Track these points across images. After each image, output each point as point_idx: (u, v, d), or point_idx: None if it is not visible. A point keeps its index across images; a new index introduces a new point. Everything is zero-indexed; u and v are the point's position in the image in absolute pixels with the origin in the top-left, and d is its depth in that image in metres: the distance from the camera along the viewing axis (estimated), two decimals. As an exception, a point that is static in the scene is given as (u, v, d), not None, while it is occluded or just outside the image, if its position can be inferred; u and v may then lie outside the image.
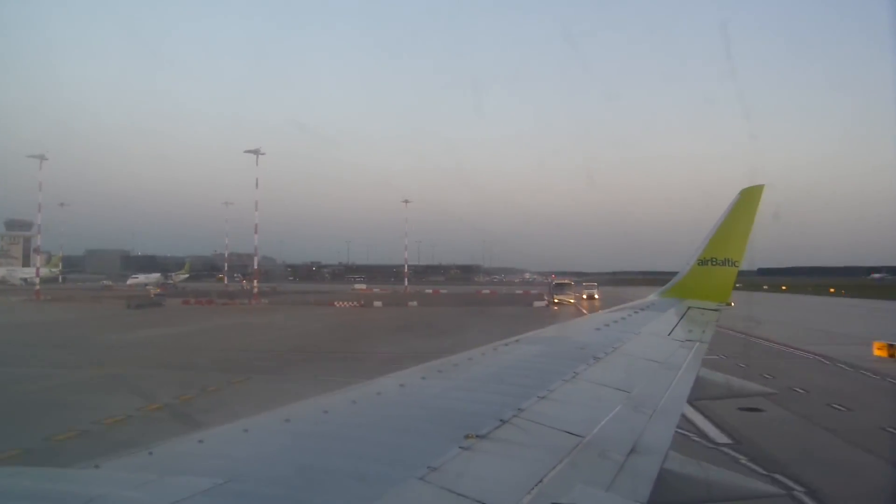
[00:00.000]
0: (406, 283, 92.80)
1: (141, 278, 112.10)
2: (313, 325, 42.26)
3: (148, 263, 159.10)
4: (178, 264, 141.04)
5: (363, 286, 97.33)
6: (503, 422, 2.99)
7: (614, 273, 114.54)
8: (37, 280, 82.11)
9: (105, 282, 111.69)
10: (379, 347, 28.60)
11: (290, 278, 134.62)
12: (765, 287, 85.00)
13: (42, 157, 75.14)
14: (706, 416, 14.71)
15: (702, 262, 9.18)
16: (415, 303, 58.36)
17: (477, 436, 2.75)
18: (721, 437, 13.25)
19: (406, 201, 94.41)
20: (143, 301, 62.96)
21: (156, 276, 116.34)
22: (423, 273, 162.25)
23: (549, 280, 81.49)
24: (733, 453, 12.12)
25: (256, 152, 67.19)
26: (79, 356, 26.48)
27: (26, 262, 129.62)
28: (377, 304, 60.23)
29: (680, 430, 13.27)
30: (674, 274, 9.94)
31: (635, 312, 8.15)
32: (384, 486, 2.18)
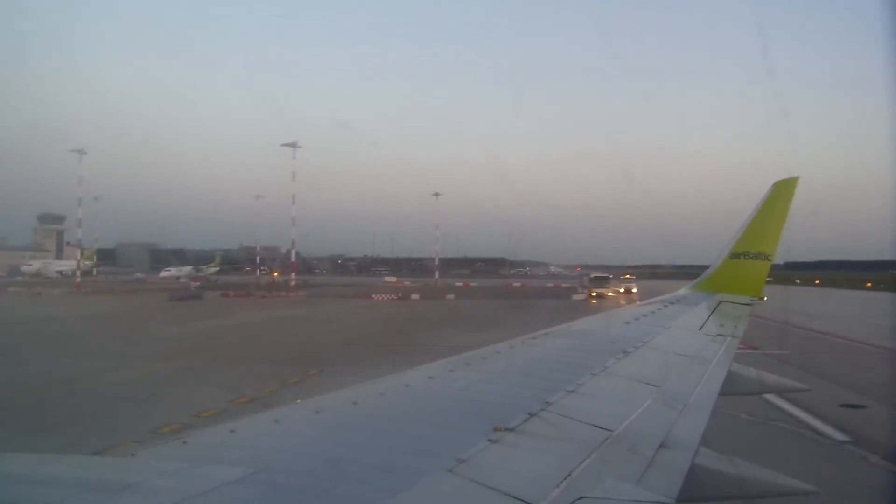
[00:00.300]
0: (437, 275, 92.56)
1: (173, 271, 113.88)
2: (360, 318, 42.40)
3: (177, 256, 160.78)
4: (207, 258, 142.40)
5: (393, 279, 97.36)
6: (531, 415, 3.00)
7: (642, 267, 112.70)
8: (76, 273, 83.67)
9: (138, 275, 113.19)
10: (438, 340, 28.51)
11: (317, 271, 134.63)
12: (797, 281, 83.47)
13: (82, 152, 76.36)
14: (810, 412, 14.38)
15: (734, 255, 9.08)
16: (452, 296, 58.17)
17: (505, 429, 2.76)
18: (838, 434, 12.93)
19: (436, 194, 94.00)
20: (185, 293, 63.82)
21: (188, 268, 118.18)
22: (448, 266, 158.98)
23: (578, 273, 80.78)
24: (860, 450, 11.82)
25: (293, 145, 67.84)
26: (146, 349, 26.76)
27: (59, 255, 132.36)
28: (414, 296, 60.05)
29: (789, 427, 13.24)
30: (705, 267, 9.82)
31: (665, 306, 8.12)
32: (413, 478, 2.20)
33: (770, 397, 13.86)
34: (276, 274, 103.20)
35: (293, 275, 70.04)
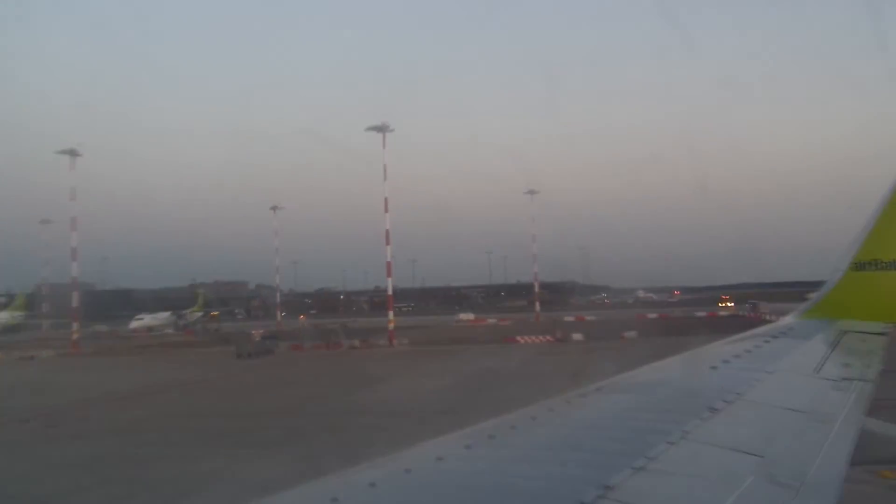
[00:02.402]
0: (538, 307, 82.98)
1: (147, 319, 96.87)
2: (571, 368, 32.60)
3: (121, 299, 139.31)
4: (158, 300, 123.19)
5: (470, 315, 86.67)
6: None
7: (736, 287, 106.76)
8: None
9: (98, 326, 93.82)
10: None
11: (312, 312, 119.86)
12: None
13: None
14: None
15: (858, 265, 7.39)
16: (633, 333, 49.32)
17: None
18: None
19: (531, 191, 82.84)
20: (255, 349, 52.84)
21: (165, 315, 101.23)
22: (493, 295, 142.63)
23: (677, 297, 73.73)
24: None
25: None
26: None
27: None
28: (576, 336, 51.00)
29: None
30: (815, 285, 8.49)
31: (766, 342, 6.58)
32: None
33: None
34: (302, 317, 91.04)
35: (391, 316, 58.73)
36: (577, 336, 51.05)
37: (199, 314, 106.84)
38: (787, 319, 7.89)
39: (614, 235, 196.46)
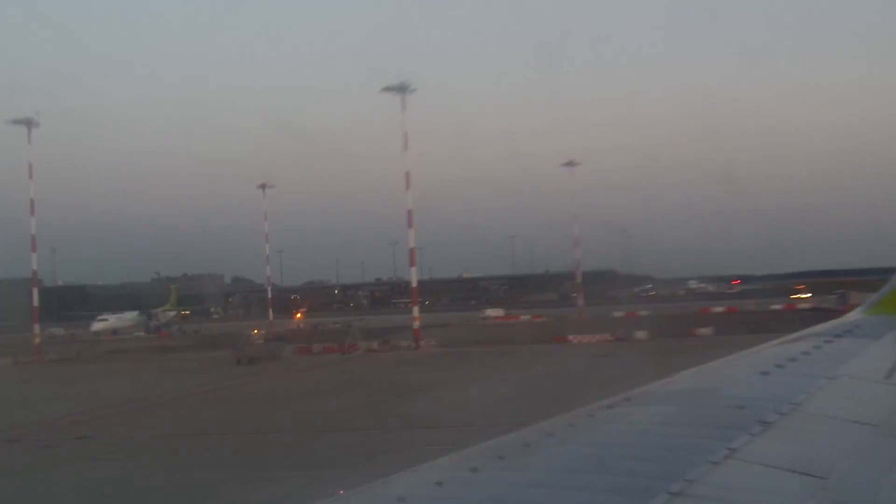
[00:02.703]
0: (581, 301, 78.14)
1: (112, 320, 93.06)
2: (662, 372, 30.16)
3: (75, 297, 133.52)
4: (119, 297, 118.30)
5: (499, 311, 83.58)
6: None
7: (800, 275, 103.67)
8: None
9: (53, 329, 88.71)
10: None
11: (301, 309, 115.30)
12: None
13: None
14: None
15: None
16: (707, 329, 47.03)
17: None
18: None
19: (570, 162, 76.06)
20: (257, 353, 50.01)
21: (132, 314, 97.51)
22: (522, 287, 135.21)
23: (736, 286, 71.66)
24: None
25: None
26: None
27: None
28: (639, 334, 49.02)
29: None
30: (883, 273, 8.24)
31: (826, 342, 6.44)
32: None
33: None
34: (298, 316, 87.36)
35: (416, 316, 55.79)
36: (640, 334, 49.22)
37: (173, 313, 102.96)
38: (852, 315, 7.83)
39: (653, 221, 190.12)
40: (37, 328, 65.77)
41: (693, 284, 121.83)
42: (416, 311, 56.41)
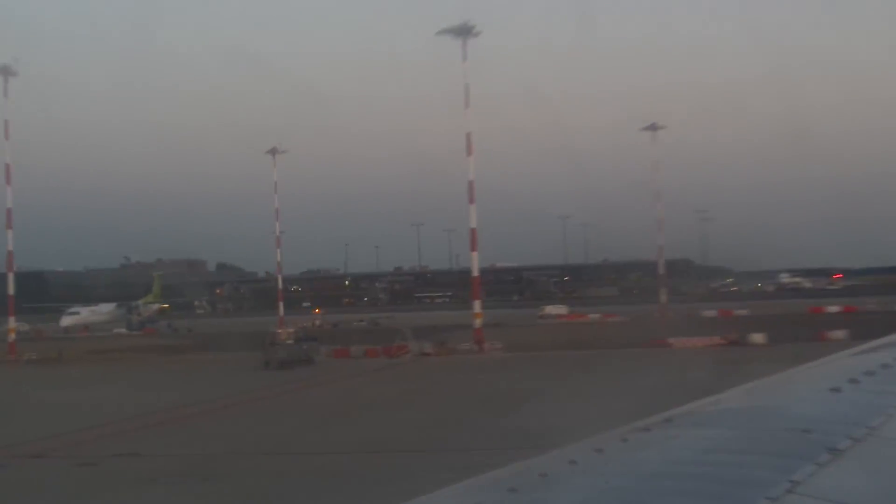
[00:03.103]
0: (664, 297, 74.61)
1: (84, 313, 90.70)
2: None
3: (33, 284, 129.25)
4: (83, 286, 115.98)
5: (560, 310, 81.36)
6: None
7: (883, 270, 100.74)
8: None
9: (19, 325, 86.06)
10: None
11: (305, 304, 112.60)
12: None
13: None
14: None
15: None
16: (841, 333, 44.67)
17: None
18: None
19: (653, 125, 72.19)
20: (288, 354, 48.86)
21: (108, 307, 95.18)
22: (578, 278, 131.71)
23: (837, 281, 69.61)
24: None
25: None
26: None
27: None
28: (756, 337, 47.76)
29: None
30: None
31: None
32: None
33: None
34: (317, 311, 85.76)
35: (477, 312, 54.04)
36: (756, 337, 47.85)
37: (156, 306, 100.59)
38: None
39: (728, 203, 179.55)
40: (12, 322, 63.97)
41: (785, 278, 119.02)
42: (477, 306, 55.36)
